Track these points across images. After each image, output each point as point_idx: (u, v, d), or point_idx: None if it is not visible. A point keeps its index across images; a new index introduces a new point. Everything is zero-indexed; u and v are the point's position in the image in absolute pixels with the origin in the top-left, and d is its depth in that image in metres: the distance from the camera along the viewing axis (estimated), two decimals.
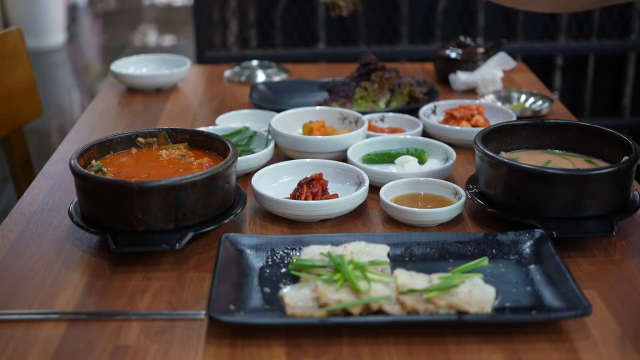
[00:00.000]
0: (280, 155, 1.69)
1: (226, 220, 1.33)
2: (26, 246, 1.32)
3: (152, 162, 1.42)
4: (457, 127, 1.74)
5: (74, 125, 1.98)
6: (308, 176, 1.44)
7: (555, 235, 1.26)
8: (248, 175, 1.55)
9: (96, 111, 2.06)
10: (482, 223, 1.40)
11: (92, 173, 1.33)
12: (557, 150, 1.49)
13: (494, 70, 2.12)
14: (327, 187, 1.44)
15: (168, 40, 6.80)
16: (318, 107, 1.81)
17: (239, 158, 1.45)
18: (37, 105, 2.14)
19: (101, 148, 1.42)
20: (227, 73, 2.29)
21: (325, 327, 1.08)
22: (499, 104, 1.97)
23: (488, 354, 1.03)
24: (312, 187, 1.42)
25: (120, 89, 2.20)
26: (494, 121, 1.79)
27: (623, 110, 3.61)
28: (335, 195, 1.43)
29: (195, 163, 1.40)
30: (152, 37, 6.99)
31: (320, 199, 1.40)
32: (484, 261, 1.17)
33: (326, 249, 1.21)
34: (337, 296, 1.08)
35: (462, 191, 1.41)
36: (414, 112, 1.87)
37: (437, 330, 1.07)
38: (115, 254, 1.28)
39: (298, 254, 1.24)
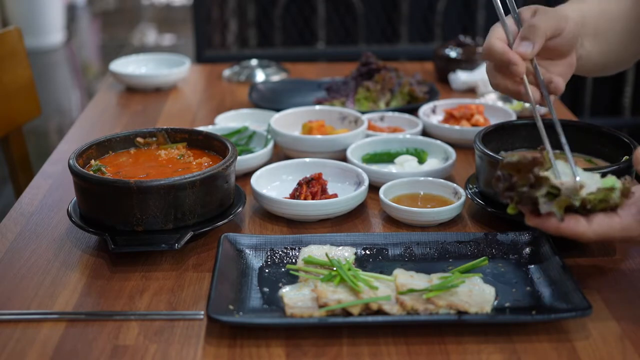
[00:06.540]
0: (280, 154, 1.69)
1: (225, 220, 1.32)
2: (25, 246, 1.32)
3: (151, 161, 1.42)
4: (457, 127, 1.74)
5: (73, 124, 1.98)
6: (307, 176, 1.44)
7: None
8: (247, 174, 1.55)
9: (95, 111, 2.06)
10: (482, 223, 1.39)
11: (91, 173, 1.32)
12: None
13: None
14: (327, 186, 1.43)
15: (167, 39, 6.80)
16: (317, 107, 1.81)
17: (238, 158, 1.45)
18: (35, 105, 2.13)
19: (100, 148, 1.42)
20: (227, 72, 2.29)
21: (324, 327, 1.08)
22: (499, 103, 1.97)
23: (488, 354, 1.03)
24: (311, 186, 1.41)
25: (119, 88, 2.20)
26: (493, 121, 1.79)
27: (623, 110, 3.61)
28: (335, 195, 1.43)
29: (195, 163, 1.40)
30: (151, 36, 6.99)
31: (320, 199, 1.40)
32: (483, 261, 1.17)
33: (325, 249, 1.21)
34: (337, 296, 1.08)
35: (462, 191, 1.41)
36: (413, 112, 1.87)
37: (437, 330, 1.07)
38: (114, 254, 1.27)
39: (297, 253, 1.24)
